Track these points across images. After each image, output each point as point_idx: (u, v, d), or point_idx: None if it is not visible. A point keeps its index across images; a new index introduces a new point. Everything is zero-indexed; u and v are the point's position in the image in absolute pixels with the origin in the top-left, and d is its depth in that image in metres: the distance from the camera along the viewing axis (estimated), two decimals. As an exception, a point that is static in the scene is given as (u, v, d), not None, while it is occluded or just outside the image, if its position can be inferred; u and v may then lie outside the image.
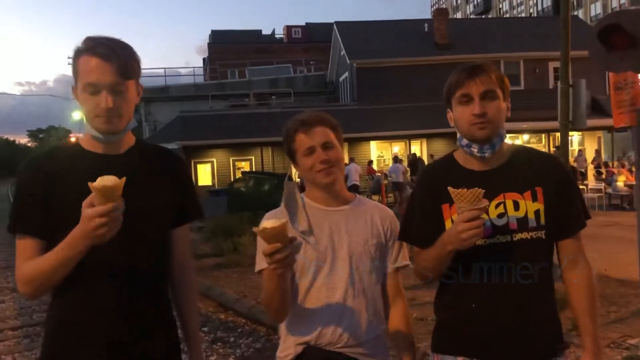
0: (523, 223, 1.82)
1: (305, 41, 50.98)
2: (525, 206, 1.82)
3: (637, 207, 6.02)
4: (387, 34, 28.40)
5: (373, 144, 26.32)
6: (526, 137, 26.14)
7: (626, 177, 16.44)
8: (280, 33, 57.77)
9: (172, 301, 1.90)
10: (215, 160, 25.56)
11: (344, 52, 28.00)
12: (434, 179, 1.94)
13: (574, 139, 24.88)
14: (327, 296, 1.85)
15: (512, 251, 1.81)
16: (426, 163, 22.58)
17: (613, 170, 18.46)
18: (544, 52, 25.52)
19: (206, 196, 21.91)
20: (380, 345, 1.94)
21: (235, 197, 17.44)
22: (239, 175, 22.85)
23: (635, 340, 4.89)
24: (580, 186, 14.49)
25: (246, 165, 25.56)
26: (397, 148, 26.60)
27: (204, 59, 55.83)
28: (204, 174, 25.60)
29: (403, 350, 1.94)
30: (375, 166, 23.79)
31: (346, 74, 29.05)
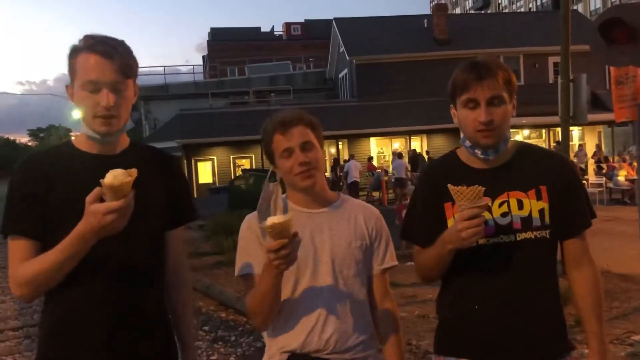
0: (527, 222, 1.77)
1: (305, 38, 50.99)
2: (529, 205, 1.78)
3: (639, 202, 6.00)
4: (387, 30, 28.37)
5: (373, 140, 26.33)
6: (526, 132, 26.14)
7: (627, 171, 16.41)
8: (279, 30, 57.84)
9: (166, 302, 1.88)
10: (215, 158, 25.59)
11: (343, 48, 27.97)
12: (436, 177, 1.89)
13: (574, 133, 24.86)
14: (311, 302, 1.78)
15: (515, 251, 1.77)
16: (425, 159, 22.61)
17: (614, 165, 18.44)
18: (544, 47, 25.51)
19: (207, 194, 21.94)
20: (369, 349, 1.87)
21: (236, 195, 17.43)
22: (239, 172, 22.87)
23: (639, 336, 4.86)
24: (581, 181, 14.41)
25: (246, 162, 25.58)
26: (397, 144, 26.60)
27: (203, 56, 55.89)
28: (204, 172, 25.64)
29: (392, 355, 1.89)
30: (375, 162, 23.78)
31: (346, 71, 29.03)
